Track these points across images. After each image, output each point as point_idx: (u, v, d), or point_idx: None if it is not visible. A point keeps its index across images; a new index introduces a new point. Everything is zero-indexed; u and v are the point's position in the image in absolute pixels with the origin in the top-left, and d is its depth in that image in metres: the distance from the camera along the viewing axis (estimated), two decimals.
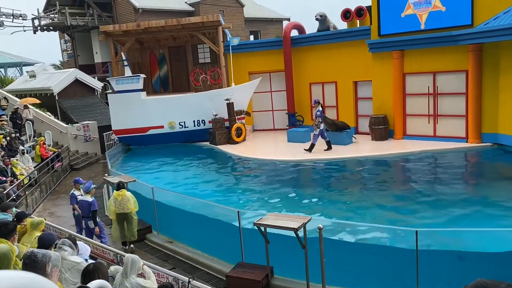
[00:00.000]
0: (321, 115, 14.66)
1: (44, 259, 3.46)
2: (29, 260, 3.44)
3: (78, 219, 10.33)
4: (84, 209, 9.53)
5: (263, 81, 19.86)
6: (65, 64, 35.91)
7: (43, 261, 3.44)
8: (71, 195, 10.46)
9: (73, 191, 10.44)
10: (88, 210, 9.44)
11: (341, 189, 11.68)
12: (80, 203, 9.66)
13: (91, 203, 9.44)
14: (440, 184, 11.34)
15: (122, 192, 9.66)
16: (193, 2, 31.55)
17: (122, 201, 9.58)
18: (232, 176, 14.06)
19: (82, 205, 9.58)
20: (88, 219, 9.54)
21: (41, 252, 3.53)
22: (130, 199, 9.64)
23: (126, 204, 9.56)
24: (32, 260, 3.42)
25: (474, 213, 9.21)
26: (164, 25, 19.58)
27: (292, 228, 6.43)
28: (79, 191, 10.27)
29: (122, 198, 9.58)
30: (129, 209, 9.57)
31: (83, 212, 9.58)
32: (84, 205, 9.50)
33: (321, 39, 18.64)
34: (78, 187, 10.36)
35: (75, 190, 10.40)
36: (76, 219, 10.49)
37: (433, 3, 14.90)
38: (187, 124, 18.89)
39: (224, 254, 8.68)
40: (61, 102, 24.37)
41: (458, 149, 14.44)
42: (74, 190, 10.41)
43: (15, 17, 26.95)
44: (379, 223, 8.67)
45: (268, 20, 38.32)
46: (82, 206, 9.57)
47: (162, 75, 22.68)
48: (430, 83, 15.55)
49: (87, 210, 9.46)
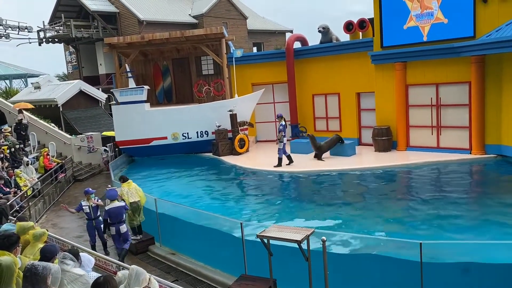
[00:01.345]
0: (283, 129, 15.01)
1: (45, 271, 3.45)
2: (30, 273, 3.44)
3: (88, 230, 10.54)
4: (117, 216, 9.71)
5: (266, 92, 19.94)
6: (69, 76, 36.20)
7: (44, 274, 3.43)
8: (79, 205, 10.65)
9: (82, 201, 10.58)
10: (122, 215, 9.76)
11: (344, 200, 11.62)
12: (113, 211, 9.70)
13: (124, 206, 9.91)
14: (445, 195, 11.27)
15: (130, 182, 10.57)
16: (196, 14, 31.84)
17: (133, 189, 10.44)
18: (235, 187, 14.03)
19: (115, 212, 9.68)
20: (120, 224, 9.76)
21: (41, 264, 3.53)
22: (139, 188, 10.68)
23: (137, 192, 10.46)
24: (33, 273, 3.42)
25: (479, 225, 9.14)
26: (168, 37, 19.75)
27: (295, 240, 6.39)
28: (88, 201, 10.43)
29: (133, 187, 10.48)
30: (139, 197, 10.43)
31: (115, 218, 9.69)
32: (118, 211, 9.71)
33: (324, 51, 18.73)
34: (89, 197, 10.50)
35: (83, 200, 10.56)
36: (87, 230, 10.60)
37: (436, 15, 14.99)
38: (191, 135, 18.93)
39: (227, 266, 8.63)
40: (65, 113, 24.52)
41: (462, 161, 14.38)
42: (83, 201, 10.56)
43: (21, 30, 27.28)
44: (383, 235, 8.61)
45: (271, 32, 38.60)
46: (115, 213, 9.69)
47: (166, 86, 22.81)
48: (433, 94, 15.57)
49: (120, 215, 9.74)
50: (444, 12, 14.78)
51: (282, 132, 14.98)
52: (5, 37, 26.57)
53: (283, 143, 15.04)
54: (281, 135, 14.98)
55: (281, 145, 15.03)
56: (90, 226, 10.46)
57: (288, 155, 15.35)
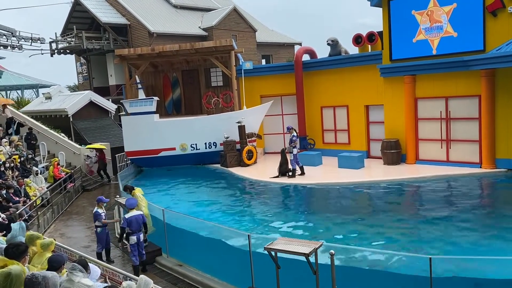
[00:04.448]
0: (296, 140, 15.25)
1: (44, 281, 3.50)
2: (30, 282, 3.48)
3: (101, 236, 10.67)
4: (138, 224, 9.80)
5: (274, 104, 19.99)
6: (80, 86, 36.60)
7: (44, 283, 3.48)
8: (95, 213, 10.77)
9: (97, 209, 10.79)
10: (141, 224, 9.85)
11: (353, 213, 11.53)
12: (134, 219, 9.76)
13: (143, 215, 9.98)
14: (455, 210, 11.14)
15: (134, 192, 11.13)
16: (206, 27, 32.13)
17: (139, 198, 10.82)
18: (242, 199, 14.00)
19: (136, 220, 9.77)
20: (140, 232, 9.86)
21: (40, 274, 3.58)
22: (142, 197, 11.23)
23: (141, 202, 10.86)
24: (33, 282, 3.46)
25: (491, 240, 9.00)
26: (178, 49, 19.94)
27: (303, 254, 6.34)
28: (102, 209, 10.80)
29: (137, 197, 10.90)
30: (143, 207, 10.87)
31: (137, 227, 9.78)
32: (139, 220, 9.81)
33: (332, 64, 18.78)
34: (102, 205, 10.83)
35: (98, 208, 10.77)
36: (99, 237, 10.72)
37: (445, 29, 14.99)
38: (199, 146, 18.98)
39: (234, 278, 8.57)
40: (75, 124, 24.74)
41: (472, 175, 14.24)
42: (97, 208, 10.78)
43: (33, 41, 27.68)
44: (392, 249, 8.51)
45: (280, 45, 38.77)
46: (137, 221, 9.78)
47: (175, 97, 22.97)
48: (443, 107, 15.49)
49: (140, 223, 9.84)
50: (453, 25, 14.78)
51: (293, 143, 15.17)
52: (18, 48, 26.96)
53: (294, 154, 15.13)
54: (291, 146, 15.16)
55: (292, 156, 15.15)
56: (104, 233, 10.69)
57: (301, 166, 15.45)
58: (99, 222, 10.61)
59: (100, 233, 10.67)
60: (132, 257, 9.82)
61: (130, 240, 9.80)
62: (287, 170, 15.41)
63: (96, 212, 10.73)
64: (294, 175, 15.17)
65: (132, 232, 9.73)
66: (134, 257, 9.79)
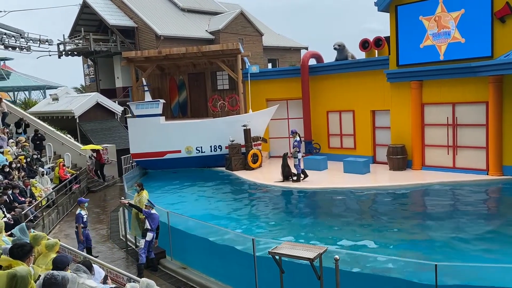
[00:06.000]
0: (298, 145, 15.19)
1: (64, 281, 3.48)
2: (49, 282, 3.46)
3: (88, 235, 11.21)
4: (155, 223, 10.10)
5: (280, 108, 19.98)
6: (87, 88, 36.78)
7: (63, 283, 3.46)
8: (77, 215, 11.00)
9: (80, 210, 11.03)
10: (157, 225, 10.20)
11: (358, 219, 11.47)
12: (157, 217, 10.12)
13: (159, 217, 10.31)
14: (461, 216, 11.05)
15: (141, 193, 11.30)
16: (213, 30, 32.23)
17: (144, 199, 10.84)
18: (247, 202, 13.97)
19: (155, 218, 10.10)
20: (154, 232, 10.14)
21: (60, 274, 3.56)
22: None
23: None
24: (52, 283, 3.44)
25: (497, 248, 8.91)
26: (185, 52, 20.02)
27: (307, 258, 6.30)
28: (85, 210, 11.05)
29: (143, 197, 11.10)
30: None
31: (155, 225, 10.12)
32: (156, 218, 10.11)
33: (339, 68, 18.75)
34: (83, 206, 11.12)
35: (81, 210, 11.01)
36: (87, 236, 11.16)
37: (453, 35, 14.92)
38: (204, 149, 18.99)
39: (238, 282, 8.53)
40: (81, 125, 24.86)
41: (479, 182, 14.13)
42: (80, 210, 11.02)
43: (41, 42, 27.86)
44: (397, 255, 8.45)
45: (286, 49, 38.82)
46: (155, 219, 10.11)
47: (181, 100, 23.03)
48: (450, 113, 15.41)
49: (157, 224, 10.17)
50: (461, 31, 14.72)
51: (296, 148, 15.12)
52: (26, 49, 27.15)
53: (298, 158, 15.10)
54: (295, 151, 15.09)
55: (297, 160, 15.12)
56: (85, 233, 11.10)
57: (303, 170, 15.42)
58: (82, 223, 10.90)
59: (83, 233, 10.96)
60: (142, 254, 9.94)
61: (147, 236, 10.00)
62: (289, 173, 15.38)
63: (79, 214, 10.94)
64: (299, 180, 15.14)
65: (151, 229, 9.98)
66: (144, 254, 9.93)
